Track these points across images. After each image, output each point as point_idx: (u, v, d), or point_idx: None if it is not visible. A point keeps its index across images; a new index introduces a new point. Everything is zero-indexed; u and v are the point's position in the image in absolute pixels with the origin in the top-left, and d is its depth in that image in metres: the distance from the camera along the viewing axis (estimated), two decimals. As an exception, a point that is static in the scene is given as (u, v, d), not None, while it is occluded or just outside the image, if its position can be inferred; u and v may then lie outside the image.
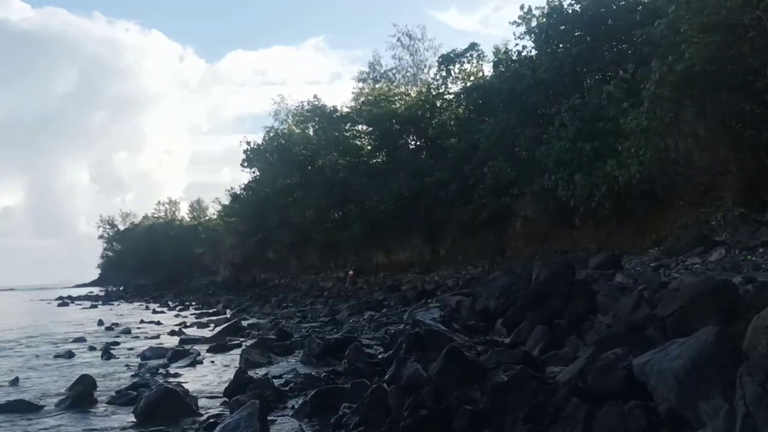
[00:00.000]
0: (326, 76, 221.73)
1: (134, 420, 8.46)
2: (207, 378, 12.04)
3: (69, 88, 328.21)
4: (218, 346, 16.43)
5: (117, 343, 19.21)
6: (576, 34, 29.51)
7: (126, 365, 14.40)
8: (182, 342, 18.33)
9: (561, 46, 29.85)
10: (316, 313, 24.40)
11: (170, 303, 43.56)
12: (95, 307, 44.78)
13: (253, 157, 59.04)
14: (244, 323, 22.24)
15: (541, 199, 29.72)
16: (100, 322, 26.43)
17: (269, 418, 7.65)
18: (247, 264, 61.36)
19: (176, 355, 14.87)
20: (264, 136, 58.26)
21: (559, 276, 10.85)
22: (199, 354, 15.11)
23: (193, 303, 41.80)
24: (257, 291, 43.85)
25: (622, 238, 25.37)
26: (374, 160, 47.81)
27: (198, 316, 30.22)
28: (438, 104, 44.72)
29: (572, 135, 25.34)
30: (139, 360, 15.37)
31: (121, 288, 79.95)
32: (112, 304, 48.61)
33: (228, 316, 27.72)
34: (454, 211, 37.13)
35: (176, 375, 12.35)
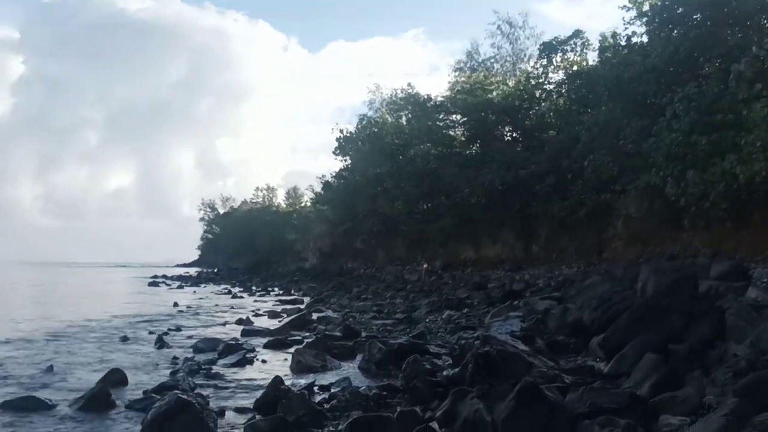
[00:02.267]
0: (424, 67, 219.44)
1: (140, 434, 7.22)
2: (248, 383, 10.64)
3: (179, 77, 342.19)
4: (277, 341, 15.11)
5: (179, 329, 18.39)
6: (694, 17, 26.62)
7: (174, 357, 13.27)
8: (244, 333, 17.38)
9: (676, 30, 27.07)
10: (394, 309, 22.90)
11: (254, 288, 43.29)
12: (182, 288, 45.24)
13: (345, 145, 58.81)
14: (315, 315, 20.99)
15: (646, 196, 27.28)
16: (176, 304, 25.95)
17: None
18: (335, 252, 60.90)
19: (228, 349, 13.69)
20: (357, 124, 57.65)
21: (679, 287, 8.69)
22: (253, 350, 13.91)
23: (276, 289, 41.30)
24: (340, 280, 42.94)
25: (739, 243, 22.50)
26: (467, 152, 45.88)
27: (275, 303, 29.42)
28: (537, 94, 42.48)
29: (686, 127, 22.60)
30: (191, 351, 14.32)
31: (215, 270, 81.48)
32: (199, 286, 49.11)
33: (304, 305, 26.69)
34: (549, 207, 35.14)
35: (216, 376, 11.05)
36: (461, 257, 43.55)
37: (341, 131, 58.33)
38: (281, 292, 38.41)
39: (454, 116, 47.97)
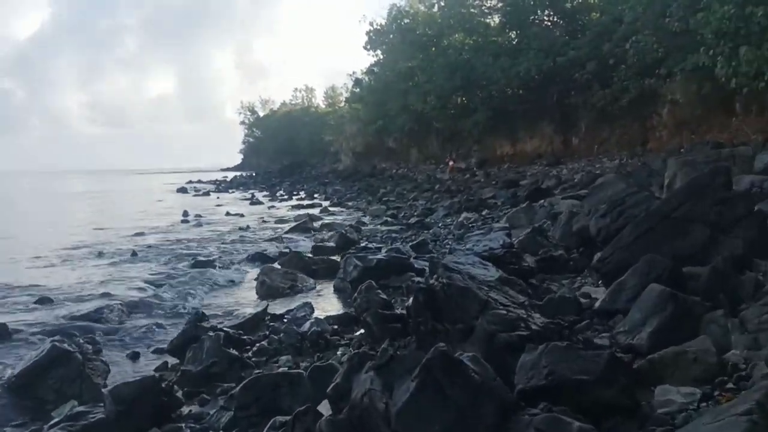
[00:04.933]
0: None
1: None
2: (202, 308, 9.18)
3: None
4: (257, 255, 13.64)
5: (179, 241, 17.15)
6: None
7: (144, 282, 11.72)
8: (237, 241, 16.29)
9: None
10: (412, 211, 21.26)
11: (280, 192, 42.24)
12: (206, 194, 44.57)
13: (375, 38, 56.02)
14: (320, 222, 19.57)
15: (693, 79, 24.92)
16: (185, 213, 24.89)
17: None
18: (368, 152, 59.09)
19: (198, 265, 12.30)
20: (387, 17, 54.45)
21: (705, 185, 6.69)
22: (228, 265, 12.49)
23: (301, 193, 40.13)
24: (369, 182, 41.35)
25: (797, 128, 20.24)
26: (503, 40, 42.84)
27: (291, 208, 28.14)
28: None
29: (740, -3, 19.87)
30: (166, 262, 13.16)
31: (252, 174, 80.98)
32: (227, 192, 48.44)
33: (320, 209, 25.37)
34: (589, 96, 32.84)
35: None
36: (497, 153, 41.51)
37: (371, 24, 55.22)
38: (304, 196, 37.20)
39: (489, 2, 44.93)
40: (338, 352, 6.07)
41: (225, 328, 6.86)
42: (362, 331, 6.58)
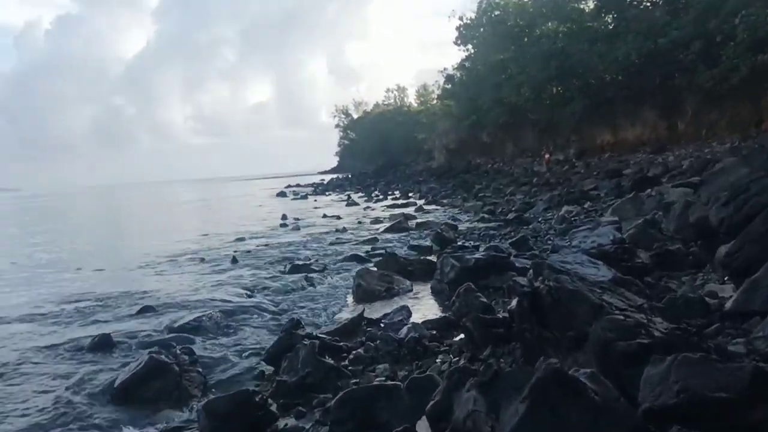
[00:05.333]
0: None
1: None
2: (291, 313, 9.04)
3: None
4: (353, 256, 13.38)
5: (278, 245, 17.27)
6: None
7: (243, 288, 11.75)
8: (333, 243, 16.36)
9: None
10: (510, 206, 20.57)
11: (375, 193, 42.23)
12: (304, 198, 45.12)
13: (466, 33, 55.63)
14: (416, 221, 19.22)
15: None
16: (284, 217, 25.19)
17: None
18: (461, 149, 58.29)
19: (294, 269, 12.14)
20: (477, 9, 53.71)
21: None
22: (324, 269, 12.30)
23: (396, 192, 39.93)
24: (464, 178, 40.58)
25: None
26: (599, 25, 41.20)
27: (386, 208, 27.93)
28: None
29: None
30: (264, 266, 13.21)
31: (348, 175, 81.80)
32: (325, 194, 48.86)
33: (415, 208, 25.09)
34: (695, 77, 31.11)
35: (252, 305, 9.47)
36: (597, 142, 39.92)
37: (461, 18, 54.72)
38: (399, 195, 36.96)
39: (583, -14, 43.45)
40: (437, 360, 5.72)
41: (321, 335, 6.64)
42: (462, 336, 6.20)
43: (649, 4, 39.15)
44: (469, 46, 56.17)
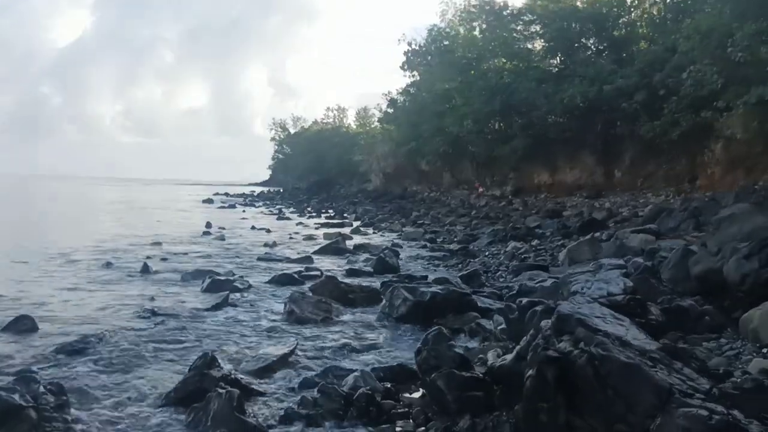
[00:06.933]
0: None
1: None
2: (201, 339, 7.59)
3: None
4: (284, 277, 12.11)
5: (197, 255, 15.77)
6: None
7: (149, 304, 10.14)
8: (261, 259, 15.06)
9: None
10: (451, 237, 19.74)
11: (308, 209, 40.93)
12: (233, 207, 43.48)
13: (413, 59, 55.48)
14: (353, 242, 18.06)
15: (756, 115, 23.07)
16: (208, 225, 23.60)
17: None
18: (398, 174, 57.79)
19: (214, 286, 10.74)
20: (426, 37, 53.62)
21: None
22: (247, 288, 10.96)
23: (330, 211, 38.77)
24: (400, 203, 39.87)
25: None
26: (546, 66, 41.43)
27: (320, 226, 26.74)
28: (628, 1, 38.17)
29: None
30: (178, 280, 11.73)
31: (279, 190, 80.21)
32: (253, 206, 47.31)
33: (351, 229, 23.95)
34: (636, 127, 31.17)
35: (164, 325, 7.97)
36: (534, 182, 39.89)
37: (409, 44, 54.46)
38: (333, 214, 35.79)
39: (532, 27, 43.58)
40: (397, 429, 4.52)
41: (242, 376, 5.36)
42: (422, 392, 5.03)
43: (595, 50, 39.69)
44: (416, 73, 56.00)
